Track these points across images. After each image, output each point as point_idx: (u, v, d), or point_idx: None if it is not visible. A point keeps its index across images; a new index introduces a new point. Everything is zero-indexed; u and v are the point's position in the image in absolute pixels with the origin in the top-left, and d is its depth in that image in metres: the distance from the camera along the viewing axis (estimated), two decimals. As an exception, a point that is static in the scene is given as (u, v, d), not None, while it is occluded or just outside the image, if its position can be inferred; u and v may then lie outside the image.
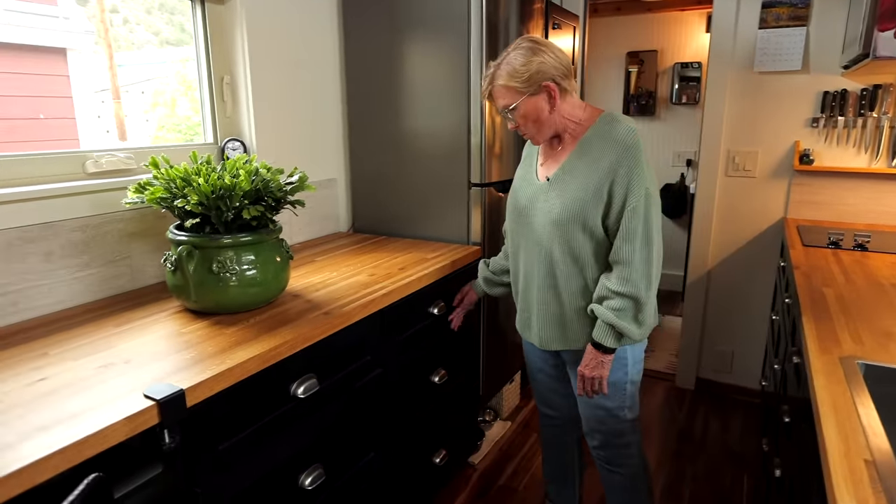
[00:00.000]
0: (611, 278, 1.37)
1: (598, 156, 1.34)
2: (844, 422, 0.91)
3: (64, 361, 1.09)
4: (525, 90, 1.34)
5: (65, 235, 1.38)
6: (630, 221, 1.33)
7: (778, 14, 2.43)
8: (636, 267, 1.34)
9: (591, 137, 1.37)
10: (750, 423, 2.61)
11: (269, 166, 1.37)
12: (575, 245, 1.39)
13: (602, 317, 1.37)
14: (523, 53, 1.34)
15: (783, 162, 2.57)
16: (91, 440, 0.85)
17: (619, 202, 1.33)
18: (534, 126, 1.39)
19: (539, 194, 1.44)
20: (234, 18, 1.78)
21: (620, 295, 1.35)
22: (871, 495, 0.74)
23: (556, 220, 1.38)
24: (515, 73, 1.33)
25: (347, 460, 1.46)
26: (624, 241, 1.34)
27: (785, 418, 1.50)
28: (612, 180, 1.32)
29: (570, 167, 1.39)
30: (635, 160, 1.32)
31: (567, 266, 1.42)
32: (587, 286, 1.43)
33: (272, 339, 1.19)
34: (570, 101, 1.40)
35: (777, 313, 2.23)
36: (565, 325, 1.48)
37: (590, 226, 1.36)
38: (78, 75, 2.16)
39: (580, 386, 1.46)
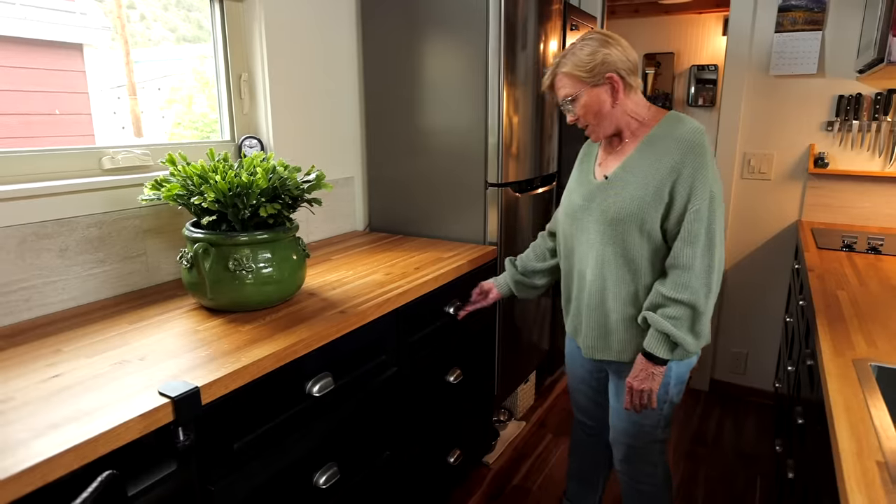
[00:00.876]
0: (666, 284, 1.29)
1: (661, 154, 1.29)
2: (857, 423, 0.91)
3: (78, 358, 1.08)
4: (588, 80, 1.30)
5: (80, 231, 1.38)
6: (693, 224, 1.26)
7: (794, 18, 2.42)
8: (696, 273, 1.26)
9: (655, 136, 1.32)
10: (763, 425, 2.60)
11: (286, 164, 1.37)
12: (630, 247, 1.32)
13: (656, 325, 1.29)
14: (590, 44, 1.30)
15: (798, 165, 2.55)
16: (104, 437, 0.84)
17: (682, 204, 1.26)
18: (594, 119, 1.34)
19: (596, 193, 1.38)
20: (253, 16, 1.78)
21: (677, 302, 1.27)
22: (884, 496, 0.74)
23: (613, 219, 1.32)
24: (580, 62, 1.29)
25: (362, 459, 1.45)
26: (684, 244, 1.27)
27: (798, 420, 1.50)
28: (675, 180, 1.26)
29: (630, 166, 1.33)
30: (701, 160, 1.26)
31: (619, 269, 1.35)
32: (637, 293, 1.35)
33: (288, 337, 1.18)
34: (633, 99, 1.35)
35: (791, 315, 2.22)
36: (610, 333, 1.41)
37: (647, 227, 1.30)
38: (94, 71, 2.16)
39: (627, 399, 1.38)
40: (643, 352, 1.33)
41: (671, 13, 4.05)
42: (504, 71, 1.88)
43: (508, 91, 1.93)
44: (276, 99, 1.85)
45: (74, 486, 0.82)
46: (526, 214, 2.21)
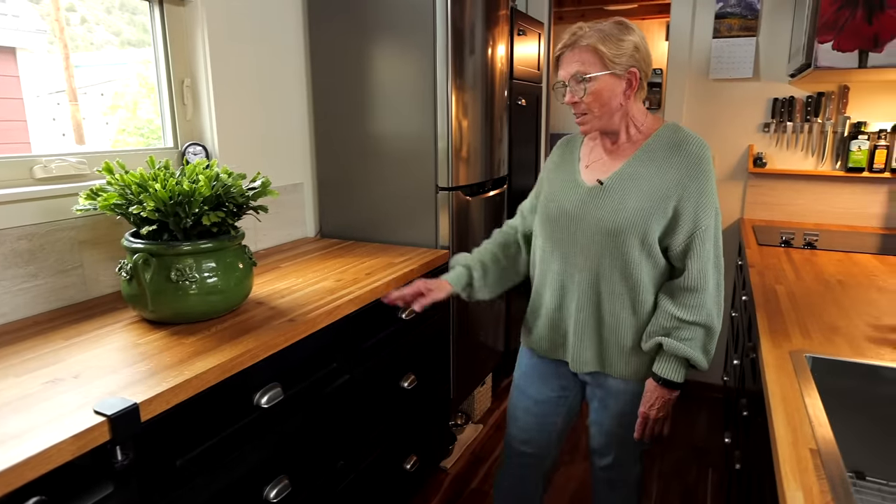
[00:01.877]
0: (679, 306, 1.22)
1: (666, 166, 1.21)
2: (793, 413, 0.95)
3: (6, 378, 1.03)
4: (612, 64, 1.18)
5: (9, 244, 1.31)
6: (704, 243, 1.21)
7: (730, 24, 2.53)
8: (710, 293, 1.22)
9: (657, 145, 1.24)
10: (714, 419, 2.68)
11: (230, 171, 1.34)
12: (629, 261, 1.23)
13: (674, 350, 1.23)
14: (620, 28, 1.19)
15: (739, 165, 2.66)
16: (33, 461, 0.80)
17: (690, 221, 1.20)
18: (599, 109, 1.22)
19: (587, 199, 1.27)
20: (195, 20, 1.74)
21: (693, 324, 1.22)
22: (815, 482, 0.77)
23: (612, 230, 1.22)
24: (609, 40, 1.17)
25: (315, 470, 1.42)
26: (695, 263, 1.21)
27: (743, 412, 1.54)
28: (682, 196, 1.19)
29: (630, 173, 1.23)
30: (707, 176, 1.20)
31: (615, 284, 1.26)
32: (634, 310, 1.27)
33: (234, 348, 1.15)
34: (638, 105, 1.27)
35: (736, 310, 2.30)
36: (604, 350, 1.32)
37: (648, 241, 1.21)
38: (29, 76, 2.07)
39: (640, 429, 1.32)
40: (658, 378, 1.27)
41: (617, 19, 4.16)
42: (452, 75, 1.89)
43: (457, 95, 1.94)
44: (220, 104, 1.81)
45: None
46: (477, 217, 2.22)
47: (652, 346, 1.26)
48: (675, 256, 1.24)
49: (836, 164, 2.52)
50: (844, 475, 0.79)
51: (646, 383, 1.31)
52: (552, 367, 1.45)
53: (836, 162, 2.52)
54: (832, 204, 2.57)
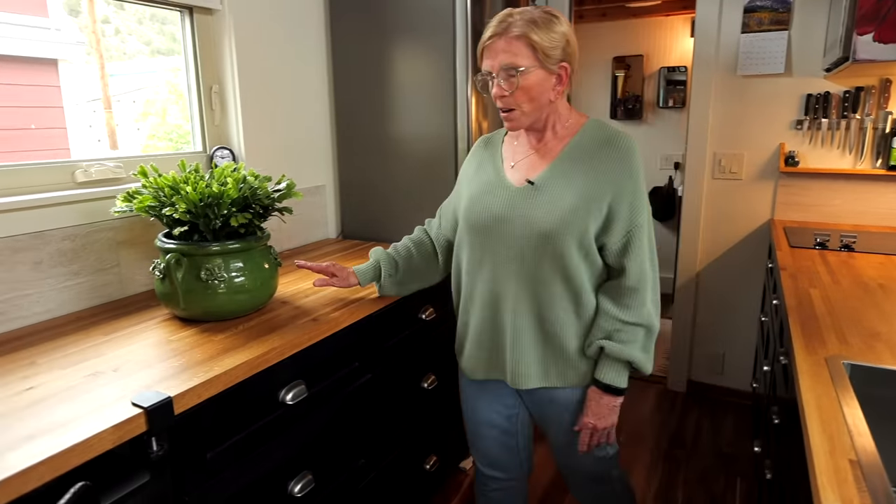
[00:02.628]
0: (620, 307, 1.18)
1: (597, 163, 1.16)
2: (830, 422, 0.91)
3: (52, 370, 1.09)
4: (545, 58, 1.11)
5: (54, 244, 1.38)
6: (641, 241, 1.17)
7: (760, 19, 2.47)
8: (648, 292, 1.19)
9: (585, 141, 1.19)
10: (742, 426, 2.62)
11: (256, 174, 1.39)
12: (568, 263, 1.17)
13: (615, 353, 1.18)
14: (551, 17, 1.12)
15: (769, 164, 2.60)
16: (78, 449, 0.85)
17: (625, 219, 1.16)
18: (529, 104, 1.15)
19: (517, 201, 1.20)
20: (223, 28, 1.80)
21: (634, 325, 1.18)
22: (856, 495, 0.74)
23: (548, 231, 1.15)
24: (542, 31, 1.10)
25: (337, 467, 1.46)
26: (635, 263, 1.17)
27: (774, 420, 1.50)
28: (615, 193, 1.15)
29: (560, 171, 1.18)
30: (639, 172, 1.18)
31: (555, 287, 1.19)
32: (578, 314, 1.21)
33: (260, 345, 1.20)
34: (565, 101, 1.23)
35: (766, 315, 2.24)
36: (547, 360, 1.24)
37: (586, 241, 1.16)
38: (69, 86, 2.17)
39: (585, 440, 1.27)
40: (599, 384, 1.22)
41: (639, 16, 4.10)
42: (472, 77, 1.91)
43: (477, 96, 1.96)
44: (246, 109, 1.87)
45: (48, 499, 0.83)
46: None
47: (594, 351, 1.22)
48: (612, 255, 1.19)
49: (877, 162, 2.43)
50: (889, 488, 0.74)
51: (588, 392, 1.25)
52: (491, 389, 1.37)
53: (877, 160, 2.43)
54: (872, 204, 2.47)
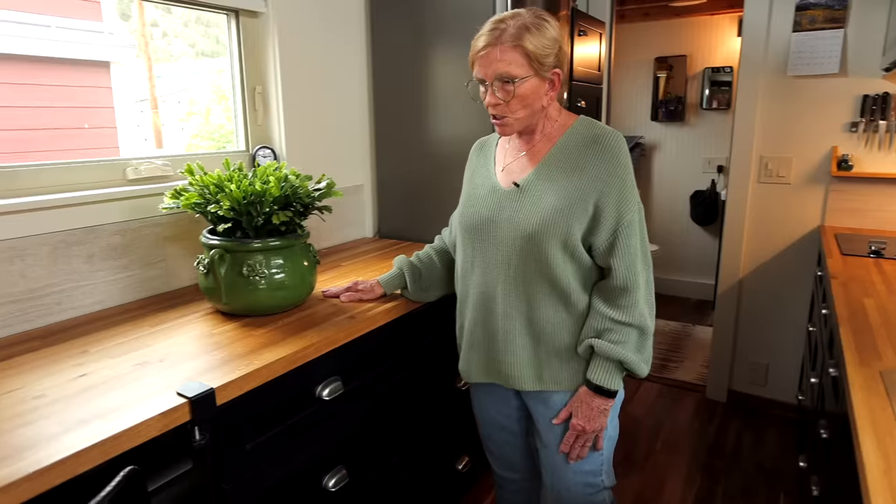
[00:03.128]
0: (614, 307, 1.16)
1: (583, 162, 1.15)
2: (885, 437, 0.87)
3: (103, 359, 1.14)
4: (539, 66, 1.12)
5: (105, 239, 1.44)
6: (629, 239, 1.14)
7: (813, 17, 2.38)
8: (641, 291, 1.16)
9: (571, 141, 1.18)
10: (786, 439, 2.53)
11: (297, 173, 1.41)
12: (553, 265, 1.16)
13: (605, 352, 1.16)
14: (541, 24, 1.12)
15: (819, 168, 2.50)
16: (127, 434, 0.89)
17: (612, 217, 1.14)
18: (522, 111, 1.16)
19: (505, 203, 1.20)
20: (267, 31, 1.84)
21: (625, 325, 1.16)
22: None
23: (531, 233, 1.15)
24: (537, 37, 1.10)
25: (371, 463, 1.48)
26: (622, 261, 1.15)
27: (822, 434, 1.44)
28: (601, 191, 1.13)
29: (545, 172, 1.18)
30: (626, 169, 1.15)
31: (544, 289, 1.18)
32: (569, 314, 1.20)
33: (299, 341, 1.22)
34: (555, 102, 1.23)
35: (814, 325, 2.16)
36: (540, 361, 1.22)
37: (571, 243, 1.15)
38: (120, 87, 2.26)
39: (569, 443, 1.23)
40: (590, 385, 1.19)
41: (683, 16, 4.00)
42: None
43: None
44: (288, 110, 1.91)
45: (97, 482, 0.86)
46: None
47: (585, 349, 1.19)
48: (600, 255, 1.17)
49: (938, 166, 2.32)
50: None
51: (577, 392, 1.22)
52: (494, 393, 1.37)
53: (938, 164, 2.31)
54: (933, 211, 2.35)
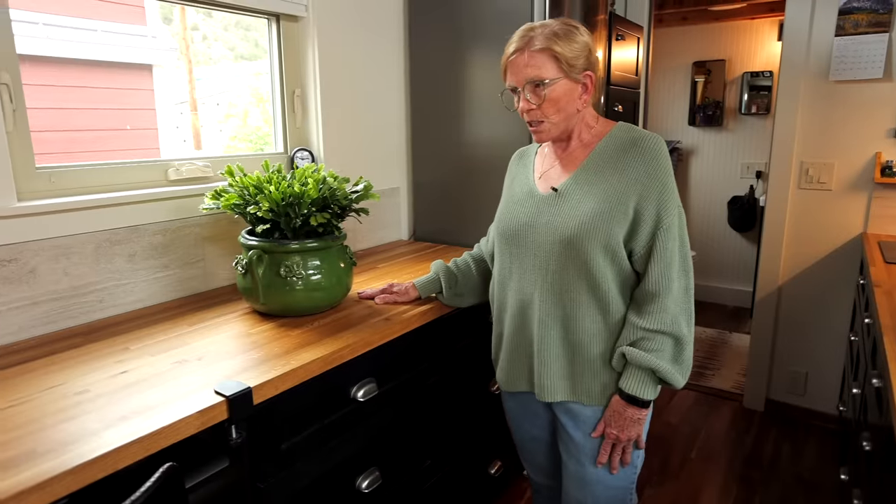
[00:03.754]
0: (643, 314, 1.13)
1: (622, 165, 1.14)
2: None
3: (143, 356, 1.16)
4: (569, 68, 1.11)
5: (147, 238, 1.47)
6: (666, 243, 1.11)
7: (856, 21, 2.32)
8: (675, 298, 1.12)
9: (610, 146, 1.17)
10: (826, 451, 2.46)
11: (336, 175, 1.42)
12: (593, 270, 1.13)
13: (638, 361, 1.12)
14: (570, 29, 1.12)
15: (862, 174, 2.43)
16: (166, 431, 0.90)
17: (651, 221, 1.11)
18: (556, 115, 1.15)
19: (543, 209, 1.19)
20: (307, 35, 1.87)
21: (659, 333, 1.12)
22: None
23: (571, 237, 1.13)
24: (564, 43, 1.10)
25: (404, 466, 1.47)
26: (658, 266, 1.12)
27: (865, 446, 1.40)
28: (641, 194, 1.11)
29: (584, 177, 1.16)
30: (666, 172, 1.13)
31: (581, 296, 1.15)
32: (606, 324, 1.17)
33: (335, 342, 1.23)
34: (590, 108, 1.22)
35: (856, 334, 2.10)
36: (574, 371, 1.20)
37: (612, 246, 1.12)
38: (161, 89, 2.31)
39: (607, 452, 1.20)
40: (622, 394, 1.16)
41: (722, 20, 3.94)
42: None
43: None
44: (326, 113, 1.93)
45: (137, 477, 0.88)
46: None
47: (618, 359, 1.16)
48: (639, 260, 1.15)
49: None
50: None
51: (611, 401, 1.19)
52: (527, 403, 1.34)
53: None
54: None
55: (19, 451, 0.83)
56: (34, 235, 1.28)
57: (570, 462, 1.26)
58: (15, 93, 1.27)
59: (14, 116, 1.28)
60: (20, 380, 1.06)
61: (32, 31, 1.96)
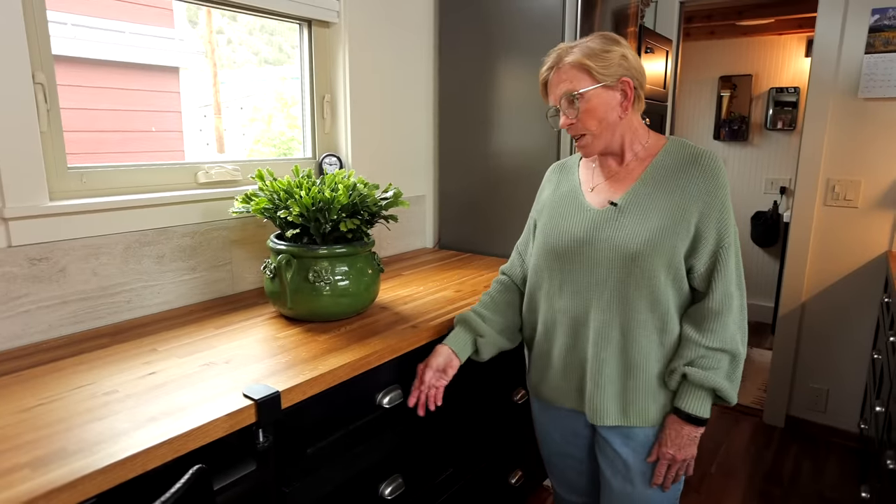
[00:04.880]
0: (704, 331, 1.12)
1: (683, 182, 1.12)
2: None
3: (171, 358, 1.16)
4: (601, 76, 1.10)
5: (175, 240, 1.48)
6: (728, 261, 1.11)
7: (887, 39, 2.31)
8: (733, 316, 1.12)
9: (667, 160, 1.16)
10: (847, 468, 2.42)
11: (365, 181, 1.42)
12: (655, 287, 1.11)
13: (698, 380, 1.10)
14: (603, 40, 1.13)
15: (890, 192, 2.40)
16: (195, 433, 0.90)
17: (713, 239, 1.11)
18: (597, 127, 1.14)
19: (603, 223, 1.15)
20: (338, 41, 1.87)
21: (718, 351, 1.11)
22: None
23: (635, 253, 1.10)
24: (594, 53, 1.10)
25: (426, 473, 1.46)
26: (721, 285, 1.11)
27: (889, 464, 1.39)
28: (702, 211, 1.10)
29: (644, 191, 1.14)
30: (725, 190, 1.12)
31: (640, 315, 1.13)
32: (661, 343, 1.15)
33: (362, 348, 1.22)
34: (638, 119, 1.19)
35: (879, 352, 2.08)
36: (629, 394, 1.16)
37: (675, 263, 1.11)
38: (187, 92, 2.34)
39: (661, 472, 1.17)
40: (680, 413, 1.13)
41: (749, 35, 3.94)
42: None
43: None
44: (355, 119, 1.93)
45: (165, 478, 0.88)
46: (594, 236, 2.19)
47: (676, 379, 1.14)
48: (699, 278, 1.13)
49: None
50: None
51: (666, 420, 1.16)
52: (565, 419, 1.30)
53: None
54: None
55: (50, 449, 0.83)
56: (65, 235, 1.29)
57: (616, 480, 1.22)
58: (49, 93, 1.28)
59: (48, 116, 1.29)
60: (49, 378, 1.06)
61: (62, 31, 1.99)
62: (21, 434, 0.87)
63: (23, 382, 1.04)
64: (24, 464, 0.80)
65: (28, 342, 1.25)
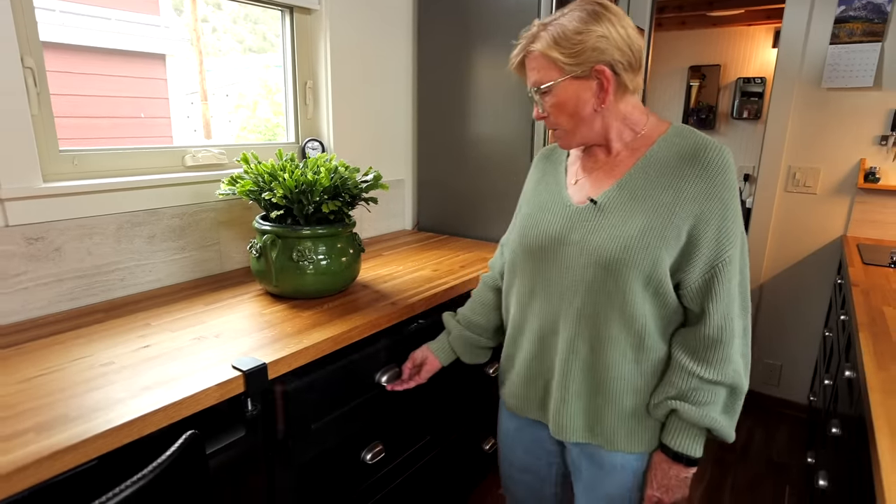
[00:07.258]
0: (701, 362, 0.96)
1: (677, 179, 0.95)
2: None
3: (164, 332, 1.23)
4: (569, 68, 0.95)
5: (165, 221, 1.54)
6: (729, 280, 0.94)
7: (851, 29, 2.39)
8: (736, 344, 0.96)
9: (662, 153, 0.98)
10: (795, 437, 2.60)
11: (347, 165, 1.49)
12: (629, 300, 0.96)
13: (691, 418, 0.96)
14: (582, 17, 0.94)
15: (846, 179, 2.52)
16: (188, 401, 0.97)
17: (709, 251, 0.94)
18: (568, 121, 1.00)
19: (577, 222, 1.01)
20: (319, 28, 1.92)
21: (716, 384, 0.96)
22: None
23: (608, 260, 0.95)
24: (563, 39, 0.94)
25: (405, 441, 1.55)
26: (719, 307, 0.95)
27: (834, 431, 1.49)
28: (698, 217, 0.93)
29: (630, 187, 0.98)
30: (732, 192, 0.94)
31: (612, 330, 0.98)
32: (637, 361, 1.00)
33: (344, 323, 1.30)
34: (630, 102, 1.01)
35: (831, 330, 2.20)
36: (596, 411, 1.03)
37: (657, 276, 0.94)
38: (174, 79, 2.37)
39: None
40: (667, 451, 1.01)
41: (719, 25, 4.02)
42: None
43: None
44: (337, 105, 1.99)
45: (159, 444, 0.95)
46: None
47: (664, 412, 1.00)
48: (690, 295, 0.97)
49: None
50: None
51: (653, 458, 1.04)
52: (533, 431, 1.19)
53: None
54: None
55: (52, 415, 0.89)
56: (59, 215, 1.34)
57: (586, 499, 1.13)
58: (39, 77, 1.32)
59: (38, 100, 1.33)
60: (49, 351, 1.12)
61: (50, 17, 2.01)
62: (24, 402, 0.92)
63: (24, 354, 1.10)
64: (28, 428, 0.85)
65: (27, 317, 1.31)
